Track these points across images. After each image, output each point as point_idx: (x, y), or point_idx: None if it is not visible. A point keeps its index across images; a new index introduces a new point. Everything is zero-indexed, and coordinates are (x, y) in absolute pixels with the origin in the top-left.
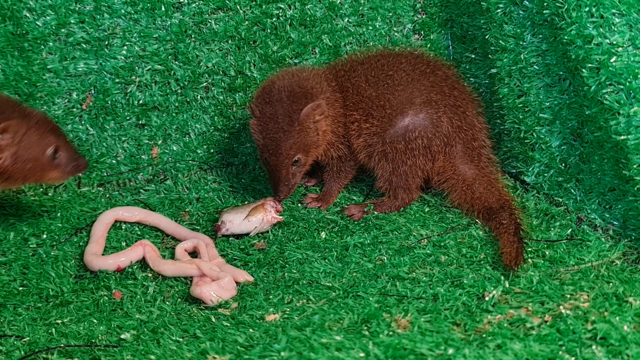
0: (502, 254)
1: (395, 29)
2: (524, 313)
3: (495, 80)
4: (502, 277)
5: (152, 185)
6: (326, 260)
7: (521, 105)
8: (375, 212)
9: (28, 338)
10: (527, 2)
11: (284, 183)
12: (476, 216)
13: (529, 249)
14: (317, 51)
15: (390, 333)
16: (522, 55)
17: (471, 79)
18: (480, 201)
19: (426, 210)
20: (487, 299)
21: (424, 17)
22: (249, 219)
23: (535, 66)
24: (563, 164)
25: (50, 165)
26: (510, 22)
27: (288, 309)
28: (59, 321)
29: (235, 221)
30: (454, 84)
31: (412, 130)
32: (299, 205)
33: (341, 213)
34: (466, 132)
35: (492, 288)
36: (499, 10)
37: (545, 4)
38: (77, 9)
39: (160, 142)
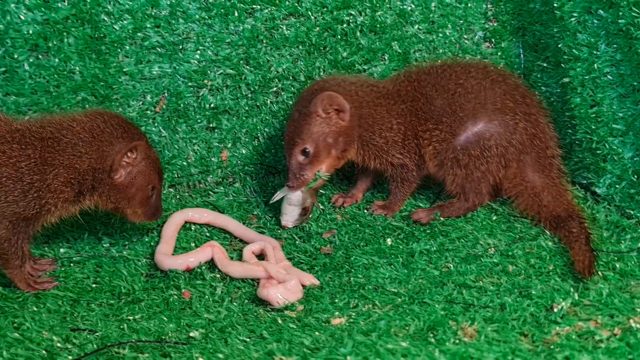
0: (574, 262)
1: (465, 36)
2: (593, 326)
3: (568, 90)
4: (571, 289)
5: (221, 188)
6: (392, 266)
7: (594, 115)
8: (442, 218)
9: (100, 333)
10: (601, 11)
11: (292, 172)
12: (542, 224)
13: (600, 262)
14: (386, 58)
15: (457, 341)
16: (595, 65)
17: (542, 88)
18: (548, 209)
19: (494, 218)
20: (555, 310)
21: (495, 24)
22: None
23: (609, 76)
24: (635, 176)
25: (144, 200)
26: (584, 31)
27: (354, 314)
28: (130, 317)
29: (284, 213)
30: (525, 92)
31: (487, 138)
32: (365, 211)
33: (409, 218)
34: (540, 140)
35: (561, 299)
36: (572, 19)
37: (620, 13)
38: (153, 13)
39: (229, 145)
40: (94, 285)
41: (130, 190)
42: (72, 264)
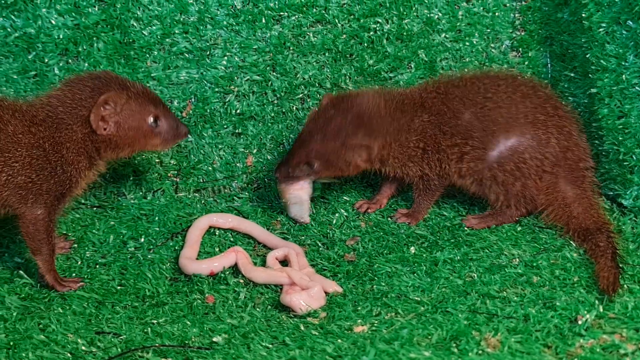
0: (598, 278)
1: (492, 45)
2: (618, 339)
3: (595, 100)
4: (596, 301)
5: (246, 193)
6: (415, 274)
7: (621, 126)
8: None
9: (125, 336)
10: (630, 22)
11: (286, 167)
12: (570, 235)
13: (626, 275)
14: (412, 66)
15: (480, 352)
16: (623, 76)
17: (570, 98)
18: (577, 220)
19: (518, 229)
20: (579, 322)
21: (522, 34)
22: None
23: (637, 87)
24: None
25: (151, 132)
26: (612, 41)
27: (376, 322)
28: (154, 321)
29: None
30: (556, 103)
31: (521, 152)
32: (389, 219)
33: (433, 227)
34: (573, 153)
35: (586, 312)
36: (601, 30)
37: None
38: (181, 19)
39: (255, 151)
40: (119, 287)
41: (129, 134)
42: (97, 266)
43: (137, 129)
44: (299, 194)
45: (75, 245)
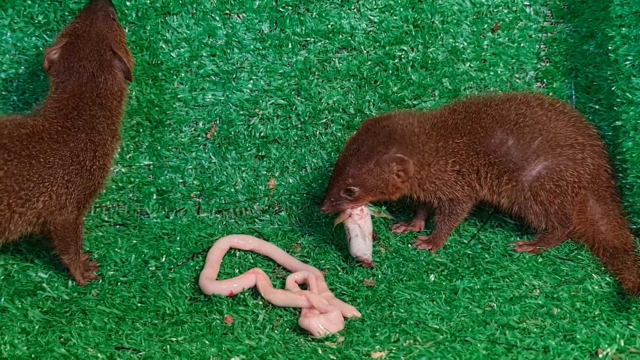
0: (623, 283)
1: (517, 75)
2: None
3: (620, 133)
4: (617, 335)
5: (267, 216)
6: (434, 302)
7: None
8: (544, 249)
9: (144, 352)
10: None
11: (330, 199)
12: (595, 250)
13: None
14: (436, 93)
15: None
16: None
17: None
18: (604, 237)
19: (539, 260)
20: (600, 356)
21: (547, 65)
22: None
23: None
24: None
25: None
26: (638, 74)
27: (394, 348)
28: (173, 339)
29: (352, 245)
30: (585, 122)
31: (559, 171)
32: (409, 246)
33: (453, 254)
34: (606, 170)
35: (607, 345)
36: (627, 62)
37: None
38: (209, 42)
39: (277, 174)
40: (139, 304)
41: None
42: (119, 283)
43: (121, 39)
44: (357, 226)
45: (99, 264)
